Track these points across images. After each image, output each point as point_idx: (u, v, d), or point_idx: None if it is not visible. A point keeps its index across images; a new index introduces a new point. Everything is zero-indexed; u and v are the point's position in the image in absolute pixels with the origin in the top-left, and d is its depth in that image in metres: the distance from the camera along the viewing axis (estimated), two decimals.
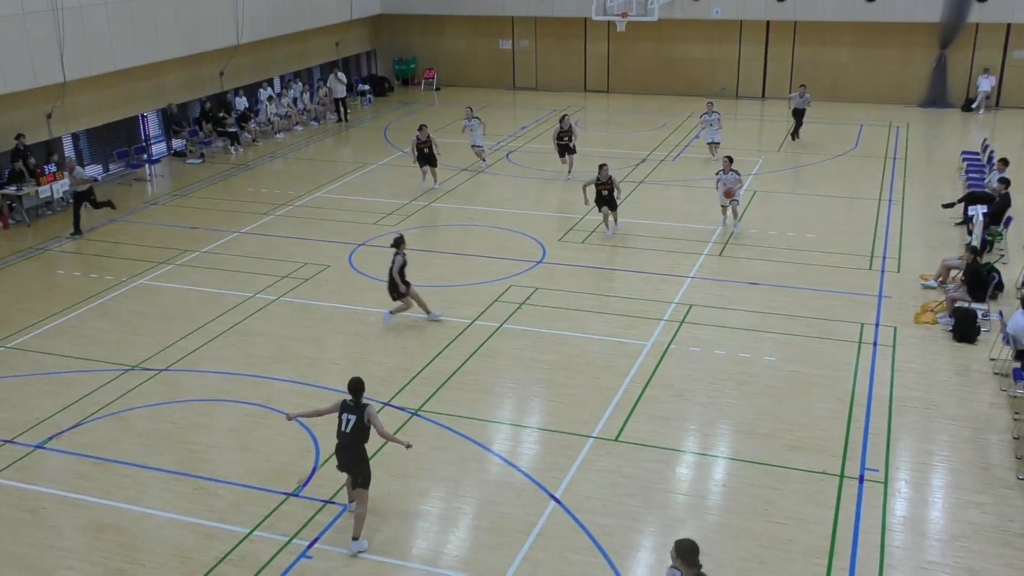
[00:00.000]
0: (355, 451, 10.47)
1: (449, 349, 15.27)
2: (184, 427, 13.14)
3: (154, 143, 29.09)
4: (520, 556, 10.31)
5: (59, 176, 23.07)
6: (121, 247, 20.51)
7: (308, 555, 10.39)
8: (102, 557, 10.44)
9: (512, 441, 12.78)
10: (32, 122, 23.43)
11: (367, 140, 30.64)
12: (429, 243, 20.44)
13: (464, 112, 26.99)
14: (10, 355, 15.43)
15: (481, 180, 25.42)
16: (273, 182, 25.64)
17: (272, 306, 17.12)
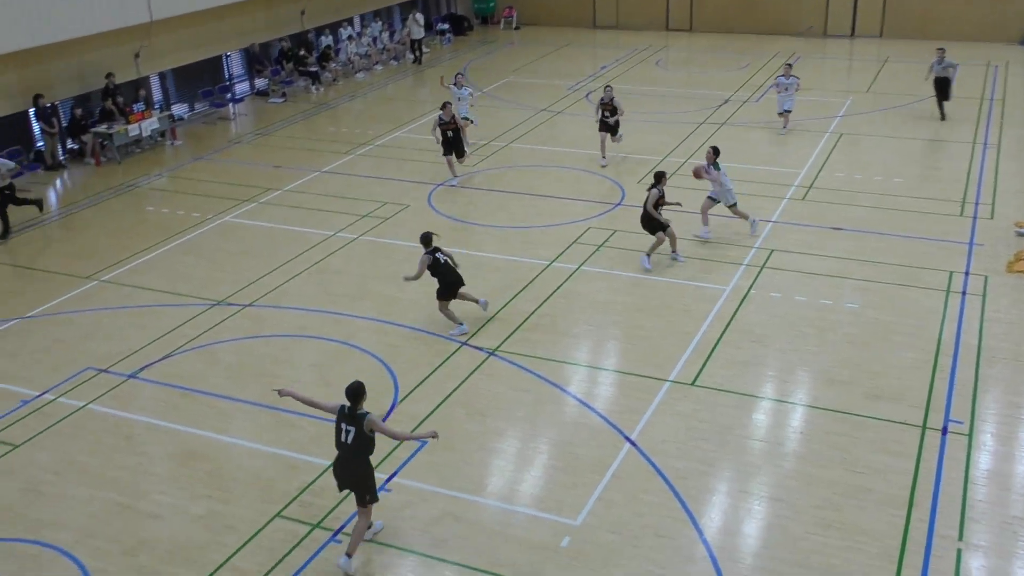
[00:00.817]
0: (358, 465, 9.34)
1: (527, 290, 15.32)
2: (268, 361, 13.50)
3: (237, 82, 29.49)
4: (594, 496, 10.41)
5: (147, 115, 23.56)
6: (206, 185, 20.96)
7: (387, 488, 10.64)
8: (190, 483, 10.85)
9: (588, 383, 12.83)
10: (121, 62, 23.92)
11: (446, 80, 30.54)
12: (507, 184, 20.42)
13: (453, 79, 23.35)
14: (103, 288, 15.98)
15: (559, 121, 25.21)
16: (353, 121, 25.83)
17: (353, 245, 17.36)
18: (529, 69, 31.46)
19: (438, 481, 10.75)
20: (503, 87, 28.95)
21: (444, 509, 10.30)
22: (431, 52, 34.48)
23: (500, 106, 26.76)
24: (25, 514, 10.45)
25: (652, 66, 31.48)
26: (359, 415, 9.18)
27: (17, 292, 16.00)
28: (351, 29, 32.73)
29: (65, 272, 16.63)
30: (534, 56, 33.42)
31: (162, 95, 26.67)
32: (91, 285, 16.09)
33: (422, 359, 13.36)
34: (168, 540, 9.97)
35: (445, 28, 36.77)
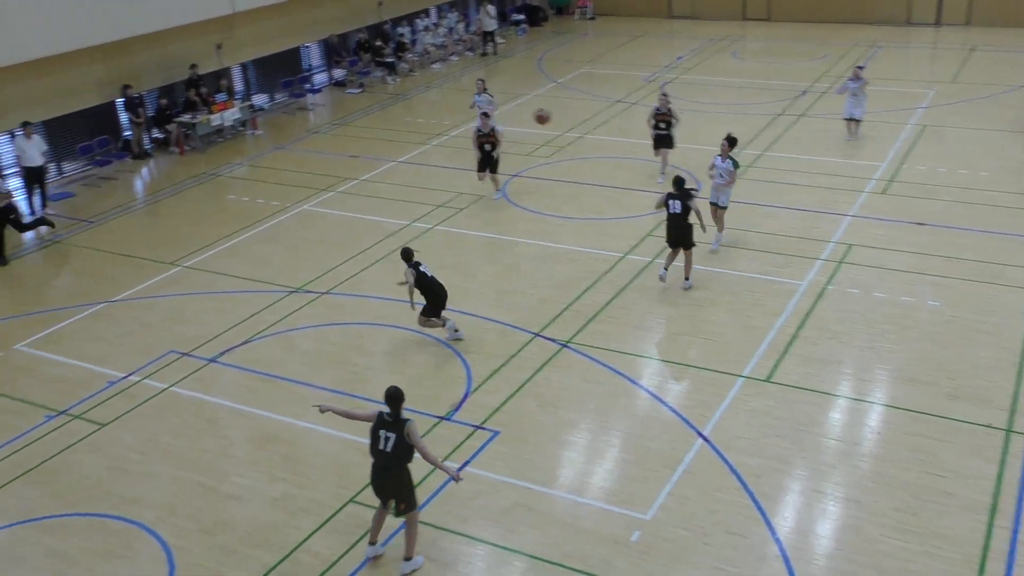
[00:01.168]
0: (399, 473, 9.07)
1: (600, 283, 15.30)
2: (344, 348, 13.73)
3: (316, 73, 29.94)
4: (665, 491, 10.38)
5: (229, 105, 24.07)
6: (285, 174, 21.35)
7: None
8: (267, 466, 11.12)
9: (660, 377, 12.78)
10: (204, 53, 24.48)
11: (520, 71, 30.57)
12: (582, 175, 20.37)
13: (475, 85, 22.39)
14: (186, 274, 16.42)
15: (634, 112, 25.04)
16: (429, 112, 26.03)
17: (428, 234, 17.53)
18: (604, 60, 31.31)
19: (509, 471, 10.82)
20: (578, 78, 28.86)
21: (515, 500, 10.38)
22: (506, 43, 34.52)
23: (575, 97, 26.69)
24: (111, 491, 10.82)
25: (728, 56, 31.07)
26: (400, 421, 8.93)
27: (105, 277, 16.53)
28: (427, 20, 32.97)
29: (150, 258, 17.13)
30: (609, 46, 33.24)
31: (243, 86, 27.22)
32: (175, 271, 16.54)
33: (495, 349, 13.44)
34: (246, 521, 10.23)
35: (520, 19, 36.77)
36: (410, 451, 8.97)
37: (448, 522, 10.04)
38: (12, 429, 12.08)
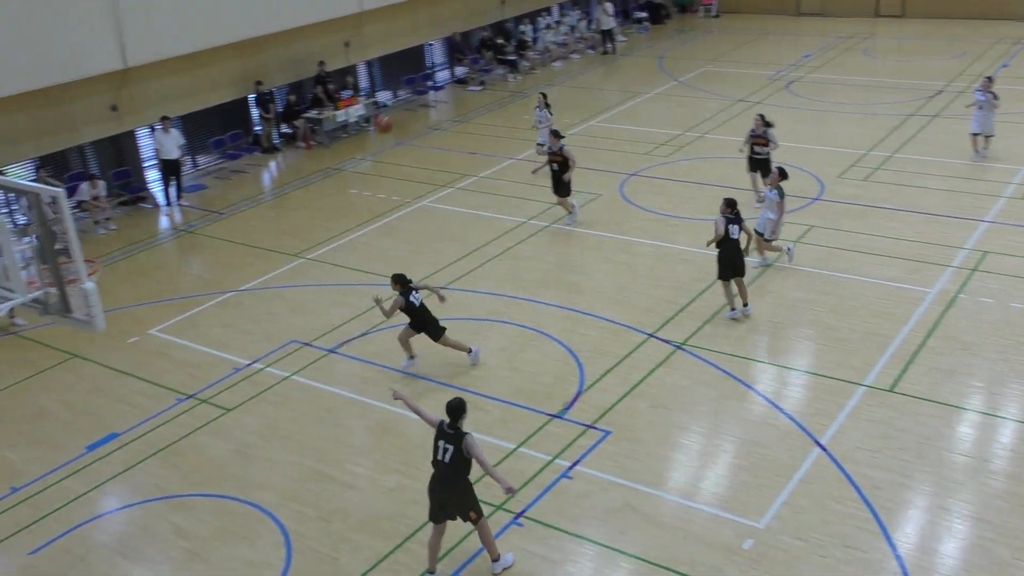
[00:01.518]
0: (458, 484, 9.04)
1: (717, 285, 15.01)
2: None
3: (438, 70, 30.38)
4: (780, 500, 10.14)
5: (354, 101, 24.65)
6: (406, 169, 21.73)
7: (569, 475, 10.75)
8: (383, 457, 11.34)
9: (777, 382, 12.48)
10: (332, 50, 25.14)
11: (641, 69, 30.31)
12: (701, 175, 20.07)
13: (536, 99, 21.90)
14: (309, 266, 16.90)
15: (758, 111, 24.49)
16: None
17: (544, 232, 17.57)
18: (727, 58, 30.76)
19: (619, 472, 10.76)
20: (700, 76, 28.44)
21: (624, 500, 10.31)
22: (628, 41, 34.29)
23: (696, 96, 26.32)
24: (234, 474, 11.23)
25: (858, 55, 30.09)
26: (459, 434, 8.90)
27: (233, 266, 17.16)
28: (549, 18, 33.02)
29: (276, 249, 17.70)
30: (733, 44, 32.64)
31: (368, 82, 27.84)
32: (299, 262, 17.05)
33: (608, 349, 13.38)
34: (360, 509, 10.47)
35: (642, 16, 36.47)
36: (468, 464, 8.95)
37: (557, 520, 10.05)
38: (145, 410, 12.66)
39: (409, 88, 28.59)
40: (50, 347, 14.42)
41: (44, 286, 9.67)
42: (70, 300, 9.46)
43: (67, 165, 20.43)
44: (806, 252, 15.95)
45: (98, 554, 10.06)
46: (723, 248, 13.73)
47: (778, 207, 14.92)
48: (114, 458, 11.67)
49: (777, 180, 15.13)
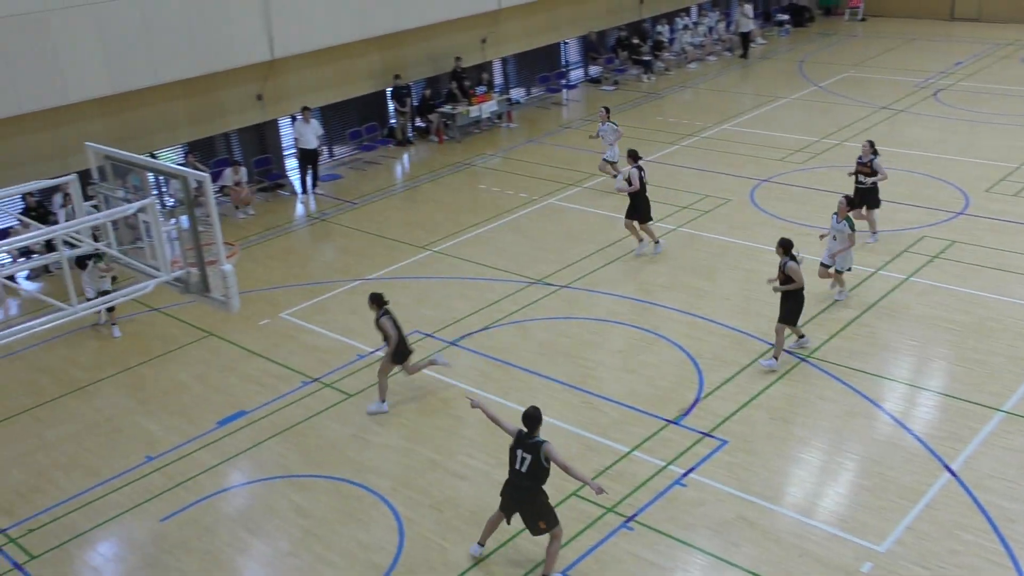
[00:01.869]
0: (531, 493, 9.09)
1: (848, 298, 14.56)
2: (577, 343, 13.87)
3: (572, 69, 30.39)
4: (904, 524, 9.75)
5: (488, 97, 24.91)
6: (535, 167, 21.83)
7: (682, 483, 10.61)
8: (496, 450, 11.40)
9: (906, 402, 11.99)
10: (469, 47, 25.48)
11: (780, 72, 29.58)
12: (837, 184, 19.44)
13: (598, 113, 20.73)
14: (435, 259, 17.18)
15: (900, 120, 23.61)
16: (681, 112, 25.75)
17: (669, 235, 17.36)
18: (872, 63, 29.70)
19: (735, 483, 10.55)
20: (841, 82, 27.56)
21: (738, 512, 10.11)
22: (768, 44, 33.52)
23: (836, 102, 25.52)
24: (353, 458, 11.54)
25: (1016, 63, 28.59)
26: (536, 443, 8.92)
27: (363, 255, 17.61)
28: (687, 19, 32.59)
29: (404, 240, 18.07)
30: (879, 49, 31.50)
31: (502, 79, 28.09)
32: (425, 254, 17.35)
33: (729, 357, 13.14)
34: (471, 501, 10.59)
35: (784, 19, 35.55)
36: (546, 473, 8.97)
37: (668, 527, 9.94)
38: (273, 391, 13.14)
39: (542, 86, 28.71)
40: (189, 324, 15.11)
41: (186, 266, 10.15)
42: (209, 280, 9.91)
43: (213, 151, 21.37)
44: (946, 268, 15.28)
45: (223, 525, 10.50)
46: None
47: (848, 239, 14.03)
48: (242, 434, 12.16)
49: (846, 210, 14.15)
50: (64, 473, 11.63)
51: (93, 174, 10.50)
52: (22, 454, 12.09)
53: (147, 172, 10.34)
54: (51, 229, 9.01)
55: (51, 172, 16.99)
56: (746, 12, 31.38)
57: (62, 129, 17.85)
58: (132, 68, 17.88)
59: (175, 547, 10.21)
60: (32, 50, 16.50)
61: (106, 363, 14.17)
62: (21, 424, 12.76)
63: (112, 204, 10.39)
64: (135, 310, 15.58)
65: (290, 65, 21.14)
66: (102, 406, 13.07)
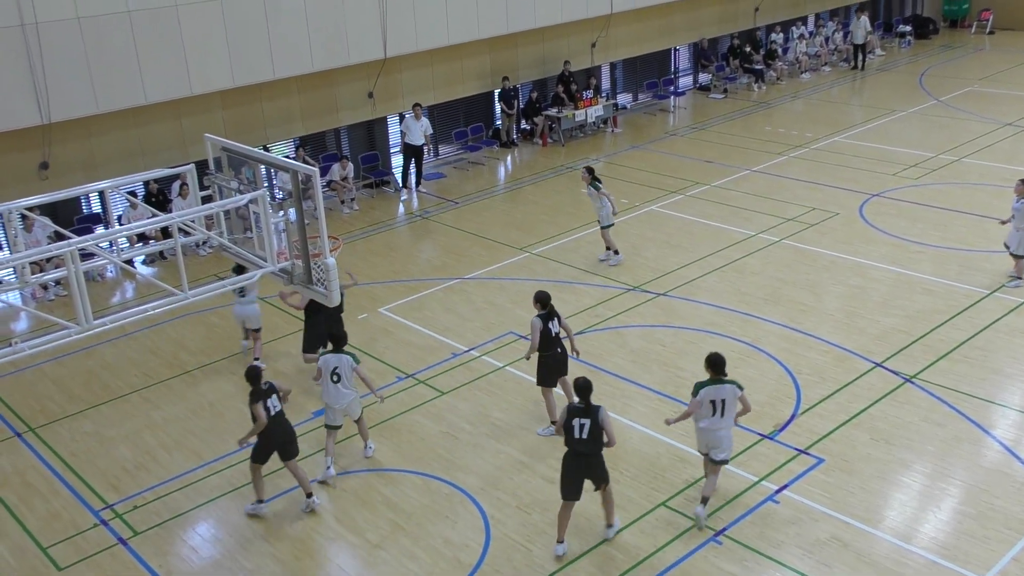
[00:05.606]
0: (597, 455, 9.68)
1: (959, 318, 14.04)
2: (673, 351, 13.72)
3: (681, 76, 30.08)
4: (1009, 555, 9.34)
5: (594, 102, 24.85)
6: (638, 173, 21.69)
7: (775, 499, 10.38)
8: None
9: (1017, 429, 11.47)
10: (578, 50, 25.48)
11: (899, 85, 28.69)
12: (953, 201, 18.78)
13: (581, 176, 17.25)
14: (533, 260, 17.22)
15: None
16: (791, 122, 25.23)
17: (773, 247, 17.03)
18: (999, 78, 28.56)
19: (830, 503, 10.27)
20: (964, 96, 26.58)
21: (832, 533, 9.84)
22: (887, 55, 32.58)
23: (956, 117, 24.63)
24: (443, 455, 11.65)
25: None
26: (593, 408, 9.53)
27: (463, 254, 17.78)
28: (803, 28, 31.90)
29: (503, 241, 18.17)
30: (1007, 64, 30.26)
31: (609, 84, 27.99)
32: (524, 256, 17.41)
33: (829, 374, 12.80)
34: (558, 505, 10.52)
35: (906, 30, 34.46)
36: (601, 436, 9.55)
37: (760, 544, 9.73)
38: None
39: (650, 92, 28.49)
40: (290, 315, 15.50)
41: (292, 257, 10.43)
42: (313, 273, 10.16)
43: (323, 146, 21.90)
44: None
45: (316, 514, 10.72)
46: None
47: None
48: None
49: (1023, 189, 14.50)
50: (168, 453, 12.06)
51: (210, 164, 10.89)
52: (131, 432, 12.59)
53: (259, 165, 10.68)
54: (168, 216, 9.37)
55: (173, 161, 17.72)
56: (862, 23, 30.47)
57: (184, 120, 18.57)
58: (252, 63, 18.49)
59: (269, 532, 10.48)
60: (162, 43, 17.21)
61: (212, 349, 14.65)
62: (131, 403, 13.30)
63: (226, 194, 10.77)
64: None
65: (401, 64, 21.51)
66: (206, 390, 13.52)
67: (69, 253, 8.49)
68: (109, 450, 12.20)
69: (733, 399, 9.96)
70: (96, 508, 11.04)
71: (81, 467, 11.86)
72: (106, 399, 13.47)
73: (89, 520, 10.84)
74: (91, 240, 8.84)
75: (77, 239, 8.64)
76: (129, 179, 11.53)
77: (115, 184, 10.87)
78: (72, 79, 16.32)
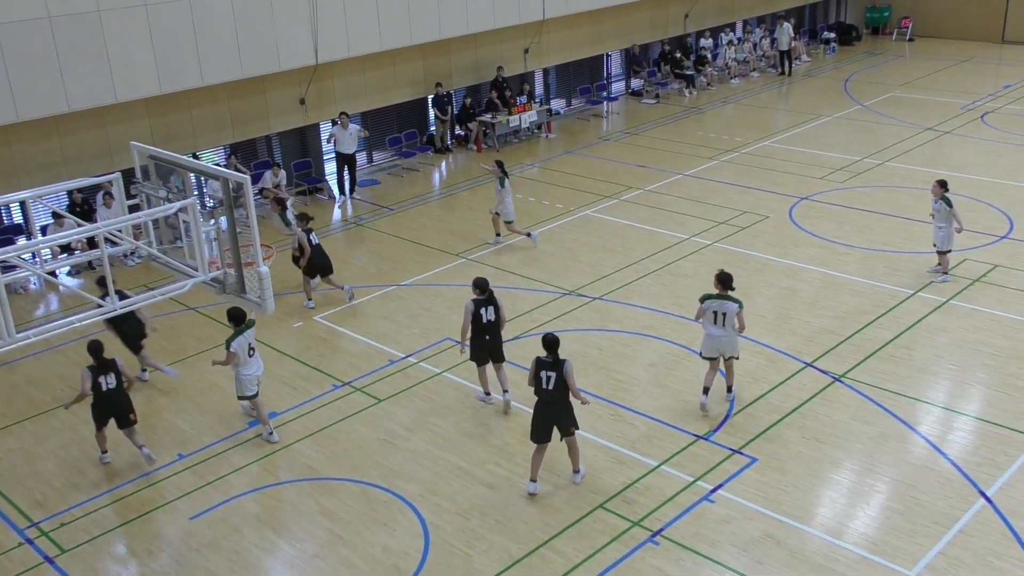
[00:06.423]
0: (564, 403, 10.58)
1: (884, 318, 14.40)
2: (609, 355, 13.83)
3: (614, 81, 30.37)
4: (935, 549, 9.59)
5: (528, 108, 24.95)
6: (572, 178, 21.83)
7: (711, 499, 10.52)
8: (525, 462, 11.33)
9: (942, 426, 11.80)
10: (511, 56, 25.57)
11: (824, 90, 29.35)
12: (877, 204, 19.26)
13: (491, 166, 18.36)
14: (469, 266, 17.21)
15: (946, 141, 23.33)
16: (722, 127, 25.64)
17: (706, 250, 17.27)
18: (919, 84, 29.40)
19: (763, 501, 10.45)
20: (886, 102, 27.30)
21: (766, 531, 10.00)
22: (813, 61, 33.32)
23: (879, 122, 25.28)
24: (380, 462, 11.57)
25: None
26: (559, 361, 10.42)
27: (398, 261, 17.69)
28: (732, 34, 32.46)
29: (438, 247, 18.14)
30: (927, 70, 31.17)
31: (543, 90, 28.14)
32: (459, 262, 17.40)
33: (761, 374, 13.03)
34: (498, 510, 10.57)
35: (830, 37, 35.28)
36: (566, 386, 10.44)
37: (695, 543, 9.86)
38: (304, 393, 13.22)
39: (583, 97, 28.72)
40: (224, 324, 15.23)
41: (223, 267, 10.26)
42: (246, 282, 10.01)
43: (255, 153, 21.61)
44: (988, 292, 15.06)
45: (251, 526, 10.57)
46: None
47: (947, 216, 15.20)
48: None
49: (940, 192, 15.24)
50: (97, 468, 11.77)
51: (137, 173, 10.66)
52: (57, 448, 12.26)
53: (189, 173, 10.49)
54: (93, 226, 9.14)
55: (97, 170, 17.32)
56: (786, 29, 31.12)
57: (109, 128, 18.17)
58: (180, 69, 18.15)
59: (203, 545, 10.29)
60: (85, 49, 16.81)
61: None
62: (58, 418, 12.95)
63: (154, 203, 10.55)
64: (172, 309, 15.77)
65: (333, 70, 21.35)
66: (137, 403, 13.20)
67: None
68: (35, 466, 11.87)
69: (733, 314, 11.69)
70: (21, 527, 10.73)
71: (4, 486, 11.51)
72: (31, 414, 13.11)
73: (14, 539, 10.53)
74: (12, 252, 8.58)
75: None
76: (52, 188, 11.22)
77: (37, 193, 10.57)
78: None
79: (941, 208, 15.16)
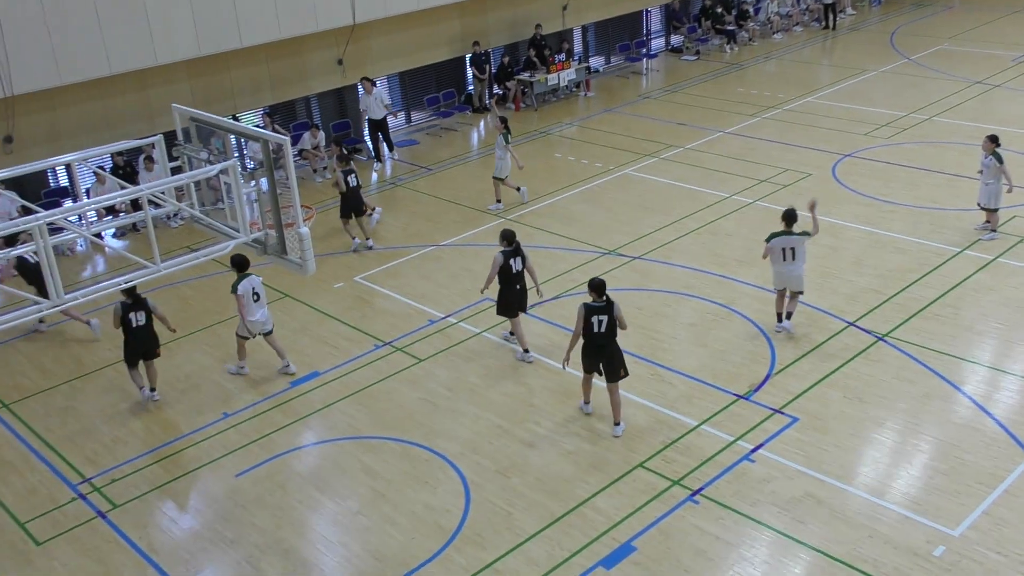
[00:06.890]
0: (614, 345, 10.86)
1: (930, 276, 14.19)
2: (649, 314, 13.78)
3: (653, 38, 29.96)
4: (980, 509, 9.51)
5: (566, 65, 24.71)
6: (611, 136, 21.64)
7: (751, 458, 10.51)
8: (564, 420, 11.45)
9: (988, 385, 11.65)
10: (550, 13, 25.29)
11: (870, 44, 28.71)
12: (924, 160, 18.89)
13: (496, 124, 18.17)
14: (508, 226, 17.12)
15: (995, 95, 22.77)
16: (764, 83, 25.22)
17: (746, 209, 17.09)
18: (968, 36, 28.64)
19: (805, 461, 10.41)
20: (933, 55, 26.66)
21: (807, 490, 9.97)
22: (858, 15, 32.58)
23: (927, 76, 24.72)
24: (422, 422, 11.68)
25: None
26: (609, 304, 10.69)
27: (437, 221, 17.71)
28: None
29: (478, 207, 18.12)
30: (976, 22, 30.35)
31: (582, 47, 27.84)
32: (499, 222, 17.36)
33: (803, 333, 12.92)
34: (538, 468, 10.64)
35: None
36: (615, 327, 10.76)
37: (735, 502, 9.86)
38: (345, 353, 13.35)
39: (622, 55, 28.37)
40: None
41: (264, 228, 10.33)
42: (287, 243, 10.08)
43: (293, 114, 21.65)
44: None
45: (295, 483, 10.75)
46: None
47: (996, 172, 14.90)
48: (314, 395, 12.40)
49: (992, 147, 14.91)
50: (145, 426, 12.02)
51: (178, 135, 10.74)
52: (106, 406, 12.53)
53: (230, 135, 10.54)
54: (137, 188, 9.24)
55: (139, 133, 17.47)
56: None
57: (150, 91, 18.30)
58: (219, 31, 18.19)
59: (249, 502, 10.49)
60: (125, 12, 16.89)
61: (186, 322, 14.54)
62: (106, 377, 13.21)
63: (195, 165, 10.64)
64: (215, 270, 15.95)
65: (371, 30, 21.26)
66: (181, 362, 13.45)
67: (37, 227, 8.37)
68: (85, 424, 12.14)
69: (802, 246, 12.26)
70: (74, 482, 11.01)
71: (57, 442, 11.80)
72: (80, 374, 13.38)
73: (67, 494, 10.81)
74: (59, 214, 8.71)
75: (45, 213, 8.51)
76: (96, 151, 11.34)
77: (81, 157, 10.70)
78: (33, 50, 16.01)
79: (991, 164, 14.82)
